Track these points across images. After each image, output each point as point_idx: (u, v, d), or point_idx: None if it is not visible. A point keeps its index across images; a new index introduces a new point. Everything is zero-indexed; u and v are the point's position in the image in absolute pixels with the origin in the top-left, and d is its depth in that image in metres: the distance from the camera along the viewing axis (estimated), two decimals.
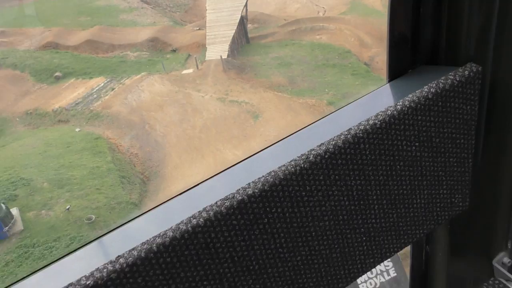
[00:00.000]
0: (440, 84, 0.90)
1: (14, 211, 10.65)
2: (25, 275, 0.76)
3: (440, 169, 0.99)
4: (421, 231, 1.04)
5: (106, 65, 22.78)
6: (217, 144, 14.91)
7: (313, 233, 0.90)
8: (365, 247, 0.98)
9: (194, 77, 19.40)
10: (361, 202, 0.93)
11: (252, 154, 0.90)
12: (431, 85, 0.90)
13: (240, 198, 0.79)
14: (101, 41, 25.11)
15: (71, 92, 20.65)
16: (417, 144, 0.93)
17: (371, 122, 0.87)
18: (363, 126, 0.86)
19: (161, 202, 0.84)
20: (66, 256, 0.79)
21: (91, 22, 27.44)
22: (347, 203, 0.91)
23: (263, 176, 0.82)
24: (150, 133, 16.60)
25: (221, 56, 18.90)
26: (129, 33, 25.94)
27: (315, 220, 0.89)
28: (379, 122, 0.86)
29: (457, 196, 1.05)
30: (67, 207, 10.48)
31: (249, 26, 24.98)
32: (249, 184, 0.81)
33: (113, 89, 19.73)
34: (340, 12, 27.48)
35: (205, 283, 0.82)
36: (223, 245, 0.81)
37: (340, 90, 18.58)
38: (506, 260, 1.19)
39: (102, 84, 20.52)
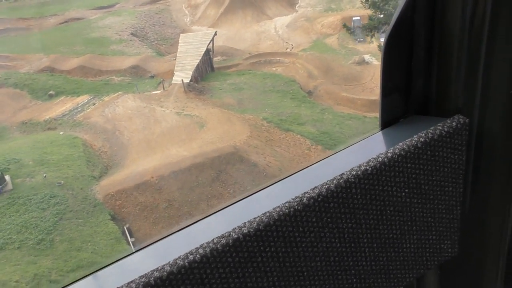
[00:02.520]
0: (429, 134, 0.99)
1: (7, 177, 15.83)
2: None
3: (430, 215, 1.06)
4: (410, 275, 1.10)
5: (92, 87, 28.14)
6: (168, 145, 20.06)
7: (305, 273, 0.95)
8: None
9: (160, 96, 24.74)
10: (352, 245, 0.99)
11: (248, 195, 0.98)
12: (421, 134, 0.99)
13: (235, 236, 0.85)
14: (91, 67, 30.56)
15: (61, 107, 25.97)
16: (406, 190, 1.00)
17: (362, 168, 0.94)
18: (355, 172, 0.93)
19: (158, 239, 0.90)
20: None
21: (84, 51, 33.00)
22: (338, 245, 0.97)
23: (258, 216, 0.88)
24: (118, 137, 21.77)
25: (182, 80, 24.30)
26: (116, 61, 31.43)
27: (307, 260, 0.95)
28: (370, 168, 0.94)
29: (446, 242, 1.11)
30: (44, 175, 15.66)
31: (218, 58, 30.61)
32: (244, 223, 0.87)
33: (94, 104, 25.09)
34: (302, 49, 32.93)
35: None
36: (218, 281, 0.87)
37: (277, 110, 23.74)
38: None
39: (86, 101, 25.85)
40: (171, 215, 15.32)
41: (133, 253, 0.91)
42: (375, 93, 25.86)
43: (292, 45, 34.16)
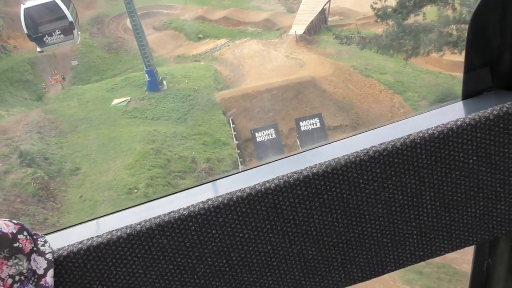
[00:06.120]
0: (504, 108, 1.07)
1: (164, 82, 26.23)
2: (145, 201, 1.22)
3: (499, 186, 1.14)
4: (474, 239, 1.20)
5: (230, 33, 37.89)
6: (272, 76, 28.85)
7: (367, 217, 1.13)
8: (415, 240, 1.17)
9: (277, 43, 33.46)
10: (415, 199, 1.13)
11: (323, 144, 1.20)
12: (496, 107, 1.08)
13: (306, 174, 1.07)
14: (232, 18, 40.37)
15: (205, 46, 36.16)
16: (474, 158, 1.10)
17: (430, 131, 1.07)
18: (422, 134, 1.07)
19: (248, 168, 1.20)
20: (178, 193, 1.20)
21: (230, 5, 42.93)
22: (400, 197, 1.12)
23: (328, 161, 1.08)
24: (240, 69, 31.13)
25: (295, 32, 32.62)
26: (252, 15, 40.80)
27: (369, 205, 1.12)
28: (437, 133, 1.07)
29: None
30: (186, 82, 25.72)
31: (335, 17, 38.30)
32: (315, 164, 1.08)
33: (228, 45, 34.73)
34: None
35: (270, 235, 1.11)
36: (288, 209, 1.09)
37: (367, 61, 30.96)
38: None
39: (223, 43, 35.66)
40: (261, 116, 24.22)
41: (230, 175, 1.20)
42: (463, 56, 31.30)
43: None
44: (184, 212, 1.07)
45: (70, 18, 19.89)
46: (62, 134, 21.50)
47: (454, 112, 1.16)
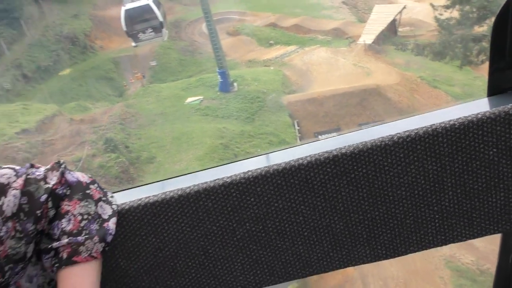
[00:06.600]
0: None
1: (235, 84, 27.93)
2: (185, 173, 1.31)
3: None
4: (495, 228, 1.25)
5: (300, 41, 39.13)
6: (339, 83, 29.81)
7: (391, 197, 1.20)
8: (437, 224, 1.23)
9: (345, 51, 34.37)
10: (436, 185, 1.19)
11: (354, 130, 1.30)
12: None
13: (335, 153, 1.17)
14: (303, 26, 41.56)
15: (275, 52, 37.61)
16: (495, 150, 1.16)
17: (451, 122, 1.14)
18: (443, 124, 1.15)
19: (287, 147, 1.31)
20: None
21: (301, 13, 44.23)
22: (423, 181, 1.19)
23: (356, 143, 1.18)
24: (308, 75, 32.31)
25: (364, 41, 33.40)
26: (323, 23, 41.85)
27: (393, 187, 1.19)
28: (458, 124, 1.13)
29: None
30: (256, 84, 27.18)
31: (406, 28, 38.62)
32: (344, 146, 1.18)
33: (297, 52, 35.98)
34: None
35: (301, 207, 1.20)
36: (318, 184, 1.18)
37: (435, 72, 31.25)
38: None
39: (293, 49, 36.97)
40: (326, 121, 25.30)
41: (271, 152, 1.31)
42: None
43: None
44: (227, 180, 1.18)
45: (161, 18, 23.12)
46: (141, 126, 23.65)
47: (478, 108, 1.20)
